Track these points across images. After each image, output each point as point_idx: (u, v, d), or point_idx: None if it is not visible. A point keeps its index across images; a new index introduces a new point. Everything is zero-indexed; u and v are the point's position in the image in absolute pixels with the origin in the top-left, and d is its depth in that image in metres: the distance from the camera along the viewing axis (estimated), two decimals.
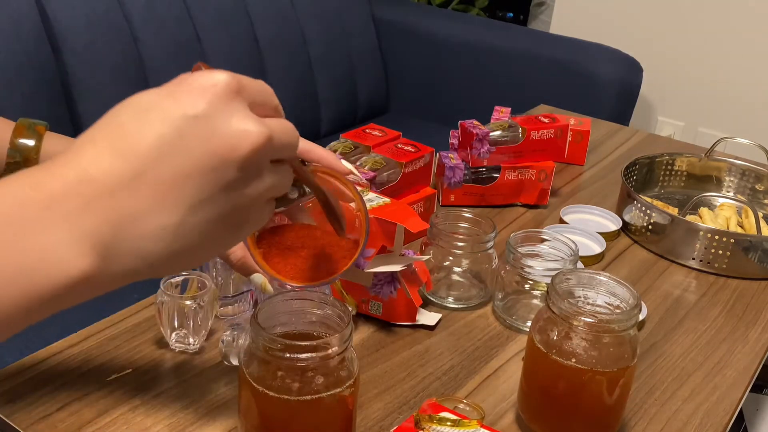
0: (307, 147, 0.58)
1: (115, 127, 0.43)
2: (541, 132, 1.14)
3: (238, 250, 0.67)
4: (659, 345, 0.88)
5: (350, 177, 0.60)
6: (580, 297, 0.72)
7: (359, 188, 0.63)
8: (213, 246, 0.46)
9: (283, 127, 0.47)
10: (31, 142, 0.68)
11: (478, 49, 2.07)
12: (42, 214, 0.40)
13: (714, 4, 2.27)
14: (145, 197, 0.41)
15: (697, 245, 1.03)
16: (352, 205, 0.60)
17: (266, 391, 0.60)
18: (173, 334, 0.78)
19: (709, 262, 1.03)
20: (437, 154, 1.15)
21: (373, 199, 0.85)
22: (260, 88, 0.46)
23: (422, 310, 0.88)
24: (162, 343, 0.79)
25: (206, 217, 0.43)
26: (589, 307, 0.70)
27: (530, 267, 0.86)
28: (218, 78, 0.43)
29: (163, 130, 0.42)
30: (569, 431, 0.71)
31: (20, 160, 0.68)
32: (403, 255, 0.84)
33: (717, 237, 1.02)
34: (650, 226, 1.08)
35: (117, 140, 0.42)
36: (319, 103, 1.98)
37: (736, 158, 1.28)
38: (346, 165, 0.59)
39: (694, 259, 1.04)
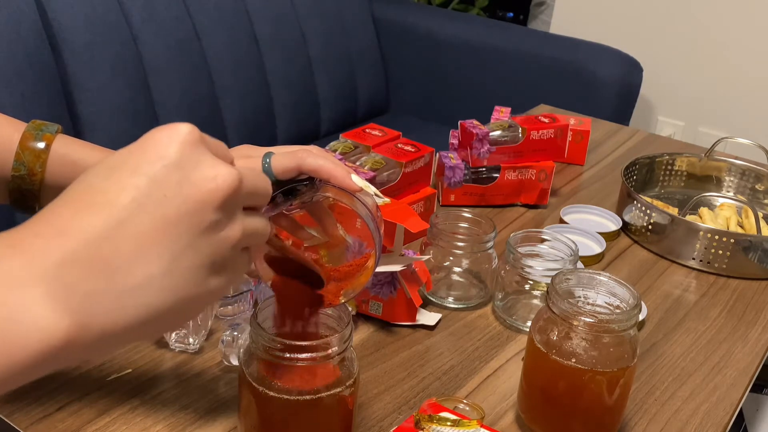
0: (317, 163, 0.56)
1: (86, 188, 0.42)
2: (541, 132, 1.14)
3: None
4: (659, 345, 0.88)
5: (363, 193, 0.58)
6: (580, 297, 0.72)
7: (380, 201, 0.61)
8: (199, 297, 0.44)
9: (253, 173, 0.47)
10: (41, 145, 0.66)
11: (478, 49, 2.07)
12: (19, 273, 0.38)
13: (714, 4, 2.27)
14: (128, 247, 0.40)
15: (697, 245, 1.03)
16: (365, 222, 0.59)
17: (266, 391, 0.60)
18: (173, 334, 0.78)
19: (709, 262, 1.03)
20: (437, 154, 1.15)
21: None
22: (217, 141, 0.47)
23: (422, 310, 0.88)
24: (161, 343, 0.79)
25: (189, 264, 0.43)
26: (589, 307, 0.70)
27: (530, 267, 0.86)
28: (181, 127, 0.44)
29: (137, 182, 0.41)
30: (569, 431, 0.71)
31: (25, 174, 0.65)
32: (403, 255, 0.84)
33: (717, 237, 1.02)
34: (650, 226, 1.08)
35: (92, 198, 0.41)
36: (319, 103, 1.98)
37: (736, 158, 1.27)
38: (358, 181, 0.57)
39: (694, 259, 1.04)
